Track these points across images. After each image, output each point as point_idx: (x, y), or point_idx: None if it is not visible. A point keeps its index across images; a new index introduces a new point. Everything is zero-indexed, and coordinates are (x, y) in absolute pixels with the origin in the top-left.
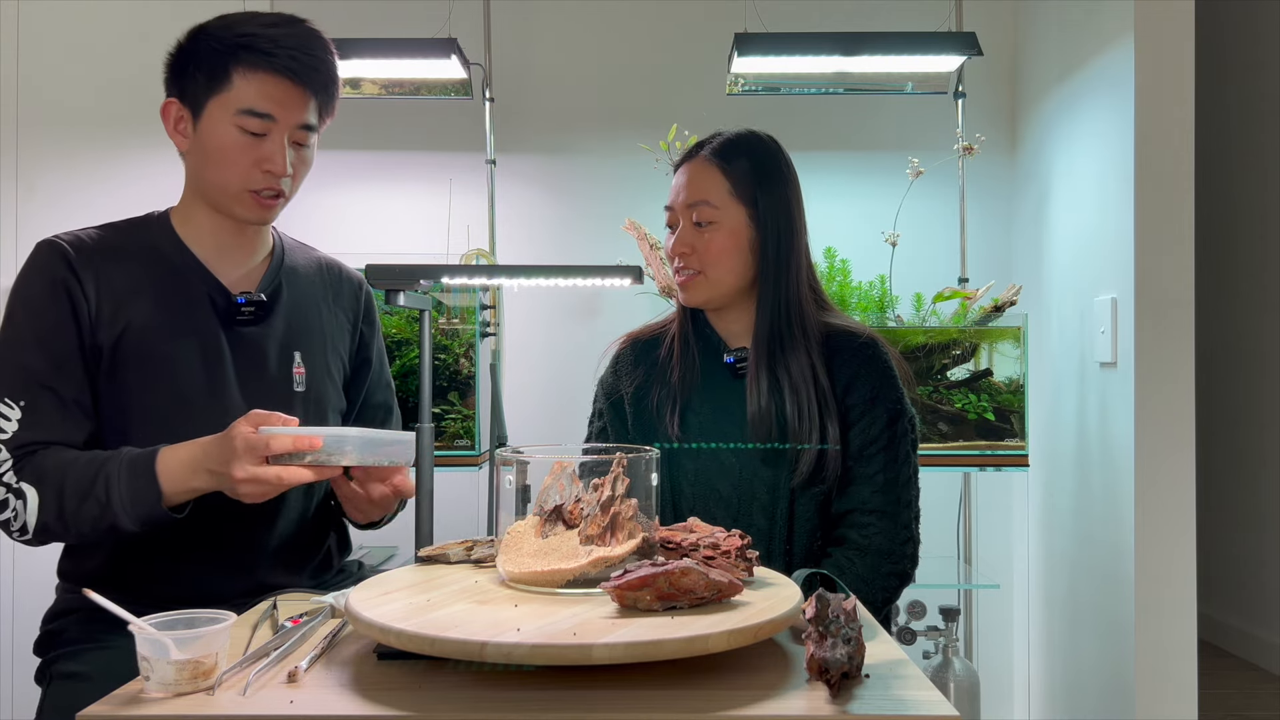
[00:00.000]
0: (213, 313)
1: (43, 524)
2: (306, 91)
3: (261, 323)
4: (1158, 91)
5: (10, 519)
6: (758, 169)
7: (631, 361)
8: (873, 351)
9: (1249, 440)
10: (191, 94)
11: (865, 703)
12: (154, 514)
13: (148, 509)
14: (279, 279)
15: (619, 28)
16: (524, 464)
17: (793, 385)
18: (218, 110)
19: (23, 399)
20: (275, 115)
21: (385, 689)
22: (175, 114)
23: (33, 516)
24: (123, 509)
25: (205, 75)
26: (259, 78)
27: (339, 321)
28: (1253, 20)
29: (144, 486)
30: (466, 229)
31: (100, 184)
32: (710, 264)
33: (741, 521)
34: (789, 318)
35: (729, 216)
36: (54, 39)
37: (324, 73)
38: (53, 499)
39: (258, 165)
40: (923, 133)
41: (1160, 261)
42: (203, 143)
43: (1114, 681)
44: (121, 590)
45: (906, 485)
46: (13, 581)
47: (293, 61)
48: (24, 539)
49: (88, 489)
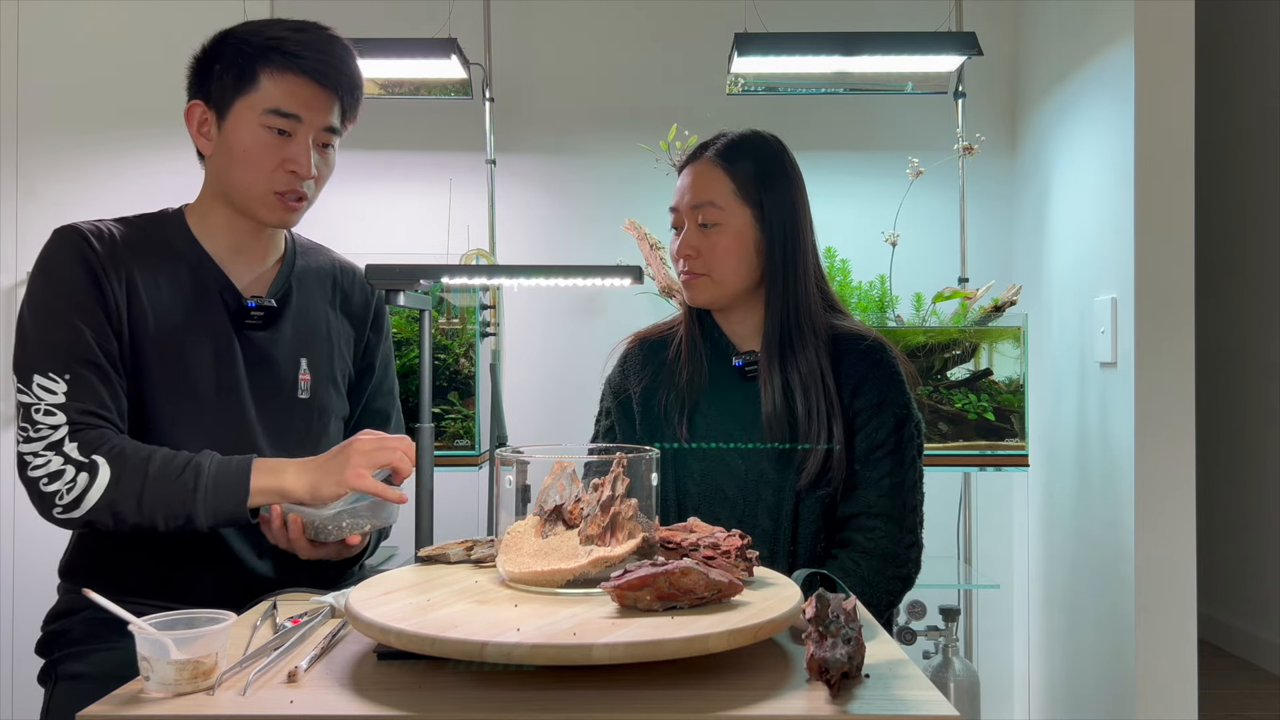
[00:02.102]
0: (225, 314)
1: (110, 501)
2: (332, 94)
3: (270, 328)
4: (1158, 91)
5: (62, 490)
6: (762, 170)
7: (639, 361)
8: (880, 355)
9: (1249, 440)
10: (217, 96)
11: (865, 703)
12: (235, 511)
13: (232, 505)
14: (289, 284)
15: (619, 28)
16: (524, 464)
17: (803, 387)
18: (245, 111)
19: (67, 373)
20: (301, 116)
21: (385, 689)
22: (199, 116)
23: (98, 492)
24: (204, 500)
25: (233, 77)
26: (286, 79)
27: (345, 328)
28: (1253, 20)
29: (234, 479)
30: (466, 229)
31: (100, 184)
32: (716, 265)
33: (747, 523)
34: (797, 319)
35: (734, 218)
36: (54, 39)
37: (349, 76)
38: (135, 478)
39: (282, 166)
40: (923, 133)
41: (1160, 261)
42: (228, 144)
43: (1114, 681)
44: (122, 584)
45: (912, 490)
46: (13, 582)
47: (320, 64)
48: (65, 516)
49: (176, 473)
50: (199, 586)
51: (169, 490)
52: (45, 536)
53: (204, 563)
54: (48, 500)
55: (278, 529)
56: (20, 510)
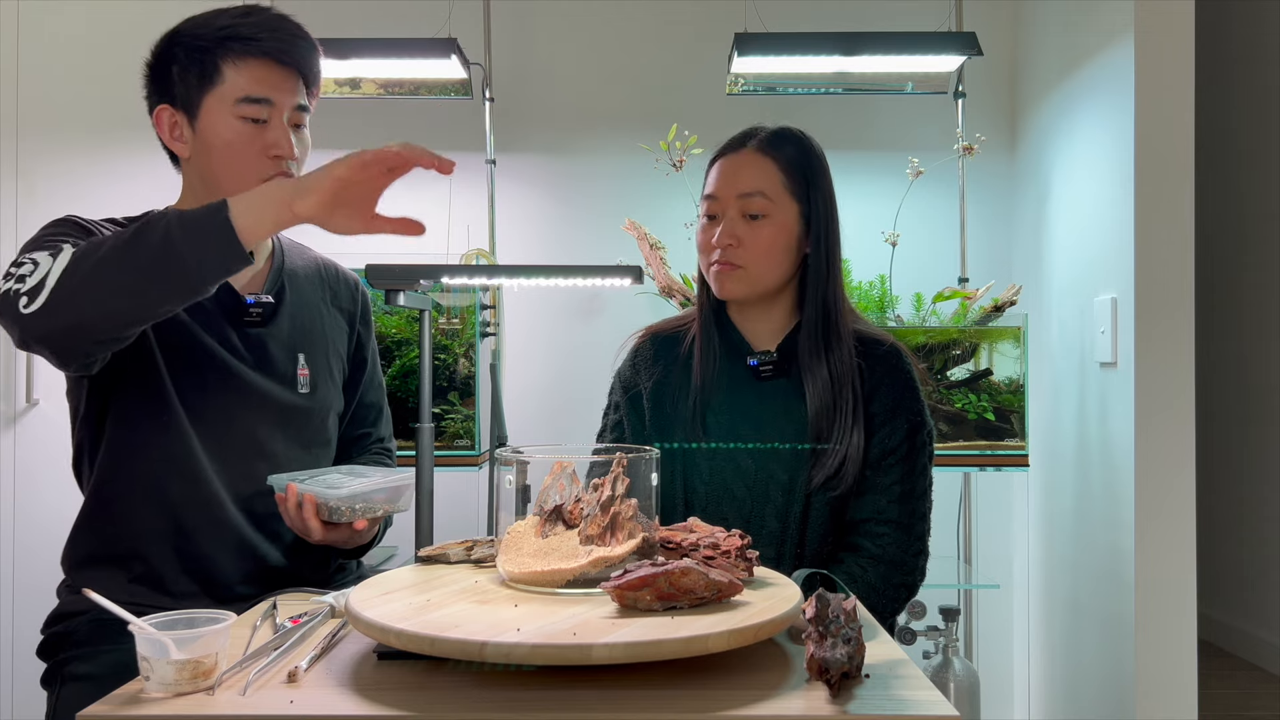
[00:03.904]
0: (221, 313)
1: (72, 274)
2: (294, 72)
3: (268, 324)
4: (1158, 91)
5: (26, 277)
6: (808, 165)
7: (651, 356)
8: (897, 361)
9: (1249, 440)
10: (183, 96)
11: (865, 703)
12: (226, 250)
13: (219, 241)
14: (281, 281)
15: (619, 28)
16: (524, 464)
17: (837, 386)
18: (215, 105)
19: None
20: (272, 99)
21: (385, 689)
22: (169, 120)
23: (59, 267)
24: (183, 243)
25: (195, 74)
26: (248, 65)
27: (338, 323)
28: (1253, 19)
29: (207, 216)
30: (466, 229)
31: (100, 184)
32: (756, 258)
33: (754, 523)
34: (832, 318)
35: (781, 211)
36: (54, 39)
37: (304, 49)
38: (99, 246)
39: (265, 153)
40: (923, 133)
41: (1160, 261)
42: (206, 141)
43: (1114, 681)
44: (124, 571)
45: (922, 497)
46: (13, 582)
47: (277, 44)
48: (29, 309)
49: (140, 234)
50: (218, 572)
51: (134, 252)
52: (46, 536)
53: (220, 551)
54: (12, 299)
55: (293, 509)
56: (20, 510)
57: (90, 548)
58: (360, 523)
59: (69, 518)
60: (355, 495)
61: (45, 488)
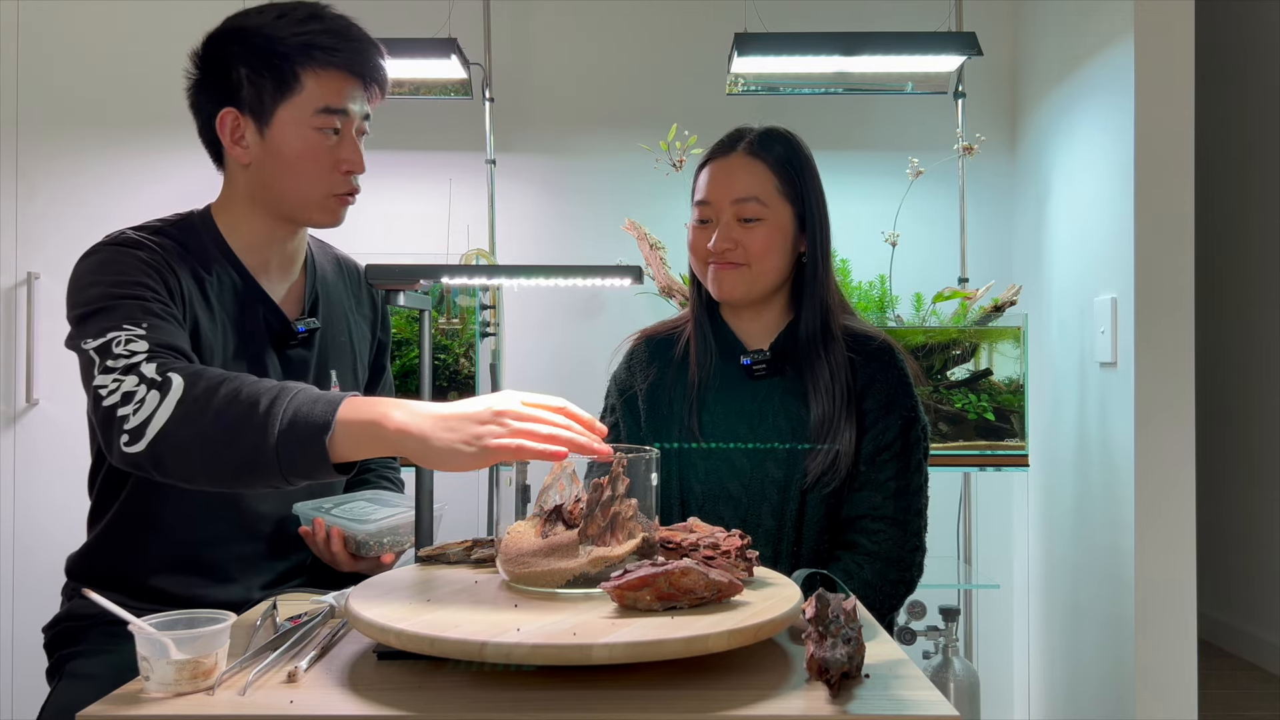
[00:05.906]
0: (267, 337)
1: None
2: (368, 83)
3: (307, 345)
4: (1158, 91)
5: (129, 415)
6: (798, 167)
7: (646, 358)
8: (889, 357)
9: (1249, 440)
10: (253, 102)
11: (865, 703)
12: (313, 447)
13: (311, 438)
14: (316, 292)
15: (619, 28)
16: (524, 464)
17: (830, 384)
18: (291, 114)
19: (145, 322)
20: (349, 110)
21: (385, 689)
22: (232, 124)
23: (167, 410)
24: (281, 426)
25: (272, 81)
26: (330, 76)
27: (363, 332)
28: (1253, 20)
29: (321, 405)
30: (466, 229)
31: (100, 184)
32: (755, 259)
33: (750, 522)
34: (826, 317)
35: (776, 214)
36: (54, 39)
37: (375, 57)
38: (196, 408)
39: (337, 168)
40: (923, 133)
41: (1160, 261)
42: (276, 150)
43: (1114, 681)
44: (131, 581)
45: (917, 493)
46: (13, 582)
47: (353, 55)
48: (130, 448)
49: (251, 392)
50: (211, 574)
51: (239, 411)
52: (46, 536)
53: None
54: (116, 426)
55: (321, 542)
56: (21, 510)
57: (101, 570)
58: (388, 556)
59: (69, 517)
60: (384, 530)
61: (45, 488)
